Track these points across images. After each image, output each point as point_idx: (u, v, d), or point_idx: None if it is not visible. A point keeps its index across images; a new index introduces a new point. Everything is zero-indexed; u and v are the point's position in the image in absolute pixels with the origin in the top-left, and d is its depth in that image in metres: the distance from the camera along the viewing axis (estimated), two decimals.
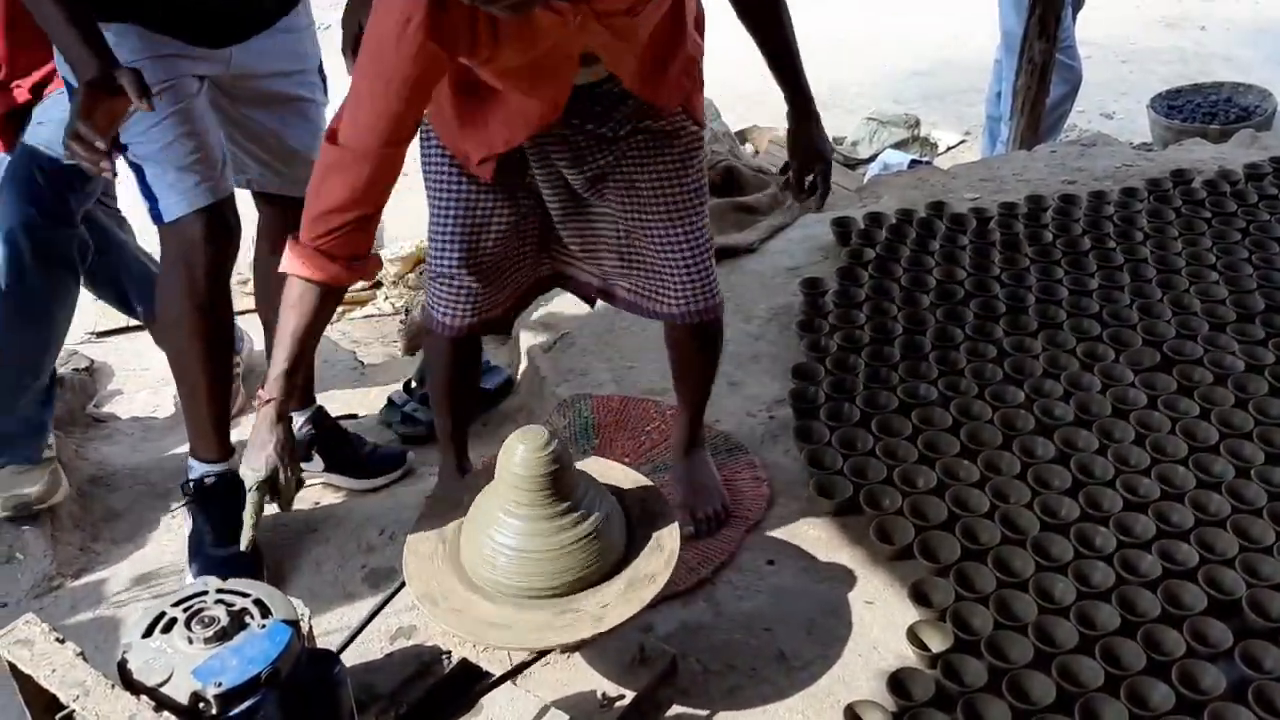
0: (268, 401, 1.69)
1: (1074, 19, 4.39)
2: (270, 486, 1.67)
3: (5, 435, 2.36)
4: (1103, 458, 2.26)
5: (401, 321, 3.49)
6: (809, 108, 2.03)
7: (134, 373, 3.53)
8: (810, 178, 2.07)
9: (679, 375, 2.23)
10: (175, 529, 2.39)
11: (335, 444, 2.50)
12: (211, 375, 2.17)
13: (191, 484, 2.21)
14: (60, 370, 3.30)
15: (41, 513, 2.36)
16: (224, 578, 1.71)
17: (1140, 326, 2.62)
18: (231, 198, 2.13)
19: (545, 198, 1.97)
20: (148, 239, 2.59)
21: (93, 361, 3.64)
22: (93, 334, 4.13)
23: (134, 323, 4.13)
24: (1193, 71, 5.78)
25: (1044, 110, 4.00)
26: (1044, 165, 3.58)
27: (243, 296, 4.31)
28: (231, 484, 2.06)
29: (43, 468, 2.38)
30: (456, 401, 2.23)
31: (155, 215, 2.07)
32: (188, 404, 2.20)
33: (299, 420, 2.42)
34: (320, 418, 2.50)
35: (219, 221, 2.08)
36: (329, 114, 1.85)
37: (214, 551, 2.14)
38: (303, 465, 2.15)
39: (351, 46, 1.97)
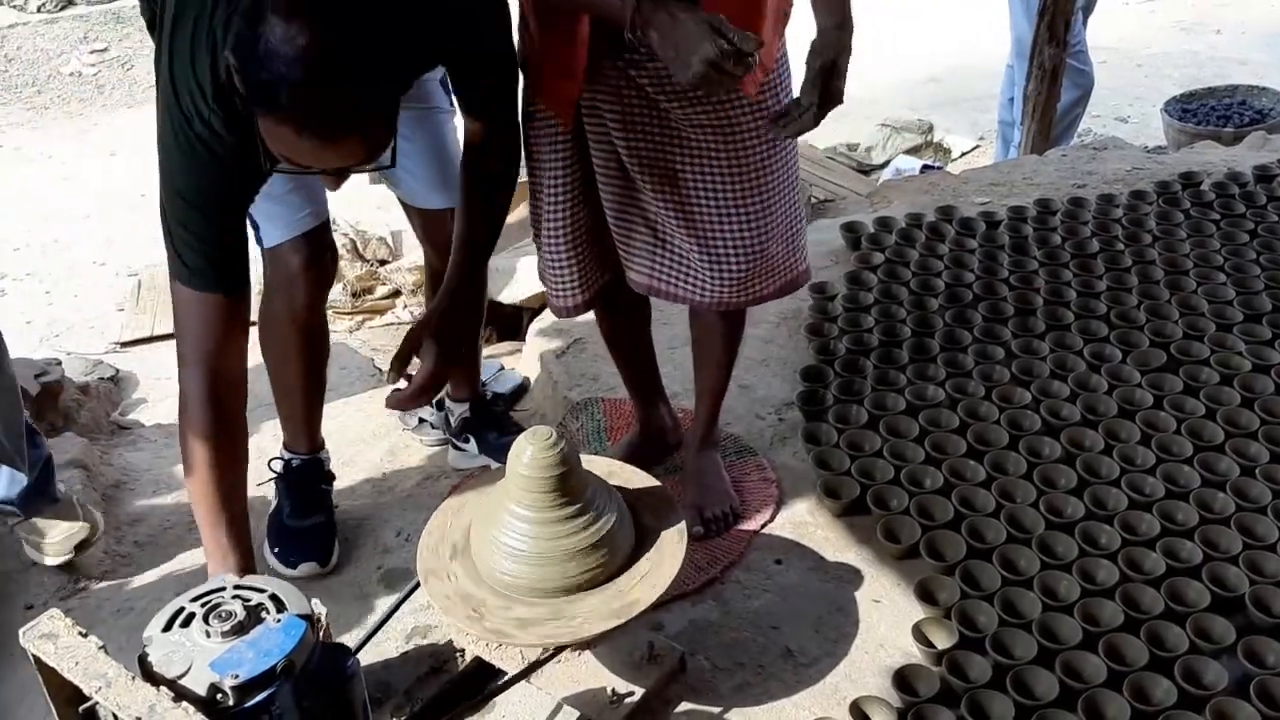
0: None
1: (1085, 24, 4.42)
2: None
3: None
4: (1108, 457, 2.28)
5: None
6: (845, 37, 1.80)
7: (158, 381, 3.60)
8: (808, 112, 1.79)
9: (701, 366, 2.26)
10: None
11: (490, 429, 2.56)
12: (307, 385, 2.29)
13: (282, 463, 2.36)
14: (86, 379, 3.38)
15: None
16: (298, 548, 2.25)
17: (1148, 327, 2.64)
18: (327, 223, 2.20)
19: (598, 173, 1.99)
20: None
21: (118, 370, 3.73)
22: (118, 344, 4.23)
23: (159, 332, 4.22)
24: (1208, 75, 5.79)
25: (1055, 115, 4.03)
26: (1054, 169, 3.60)
27: None
28: (313, 469, 2.35)
29: (66, 504, 2.34)
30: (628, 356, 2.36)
31: (257, 240, 2.14)
32: (283, 407, 2.33)
33: (459, 409, 2.56)
34: (482, 405, 2.57)
35: (316, 246, 2.16)
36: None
37: (290, 522, 2.31)
38: (460, 447, 2.57)
39: None
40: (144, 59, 7.43)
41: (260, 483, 2.38)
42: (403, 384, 1.95)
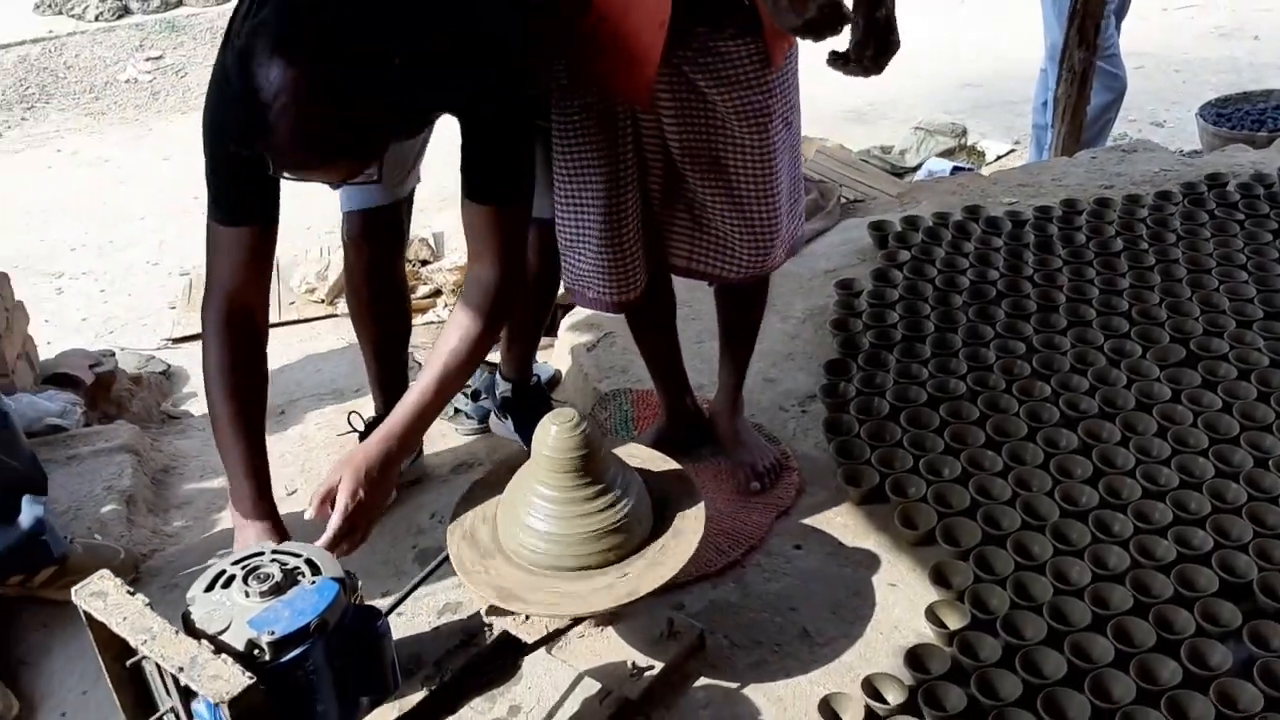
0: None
1: (1118, 28, 4.44)
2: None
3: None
4: (1124, 449, 2.33)
5: None
6: None
7: None
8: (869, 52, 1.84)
9: (729, 340, 2.39)
10: None
11: (528, 409, 2.64)
12: (375, 351, 2.47)
13: (362, 422, 2.57)
14: (139, 370, 3.52)
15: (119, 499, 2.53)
16: None
17: (1168, 324, 2.68)
18: (395, 205, 2.29)
19: (649, 163, 2.10)
20: None
21: (169, 365, 3.86)
22: (169, 340, 4.36)
23: None
24: (1245, 80, 5.77)
25: (1086, 118, 4.05)
26: (1083, 171, 3.63)
27: (307, 305, 4.52)
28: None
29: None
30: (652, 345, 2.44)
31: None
32: (368, 367, 2.53)
33: (504, 386, 2.66)
34: (523, 387, 2.66)
35: (372, 224, 2.28)
36: None
37: None
38: (502, 419, 2.68)
39: None
40: (197, 66, 7.63)
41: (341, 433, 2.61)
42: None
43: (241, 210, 1.83)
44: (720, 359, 2.42)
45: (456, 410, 2.83)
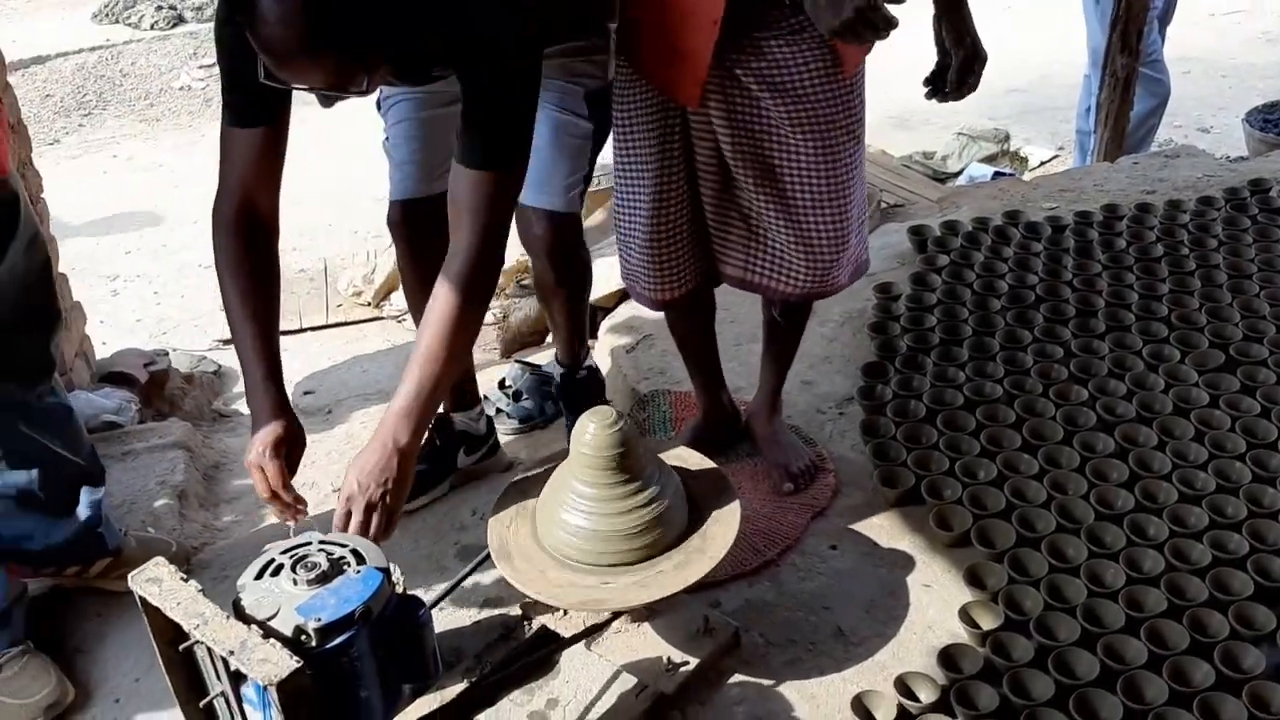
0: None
1: (1162, 34, 4.42)
2: None
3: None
4: (1161, 453, 2.33)
5: (499, 328, 3.70)
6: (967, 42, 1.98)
7: None
8: (965, 76, 2.02)
9: (772, 342, 2.41)
10: None
11: (574, 398, 2.70)
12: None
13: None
14: (192, 370, 3.61)
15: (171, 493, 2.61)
16: None
17: (1208, 329, 2.67)
18: (433, 199, 2.23)
19: (700, 169, 2.11)
20: None
21: (220, 365, 3.94)
22: (220, 341, 4.46)
23: None
24: None
25: (1129, 123, 4.04)
26: (1125, 176, 3.63)
27: (354, 308, 4.60)
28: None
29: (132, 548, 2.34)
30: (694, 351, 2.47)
31: None
32: None
33: (557, 371, 2.71)
34: (572, 379, 2.71)
35: (411, 214, 2.30)
36: None
37: None
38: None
39: None
40: None
41: None
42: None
43: (249, 113, 1.84)
44: (762, 361, 2.45)
45: (498, 410, 2.88)
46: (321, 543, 1.61)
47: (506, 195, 1.83)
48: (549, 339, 3.21)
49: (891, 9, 1.76)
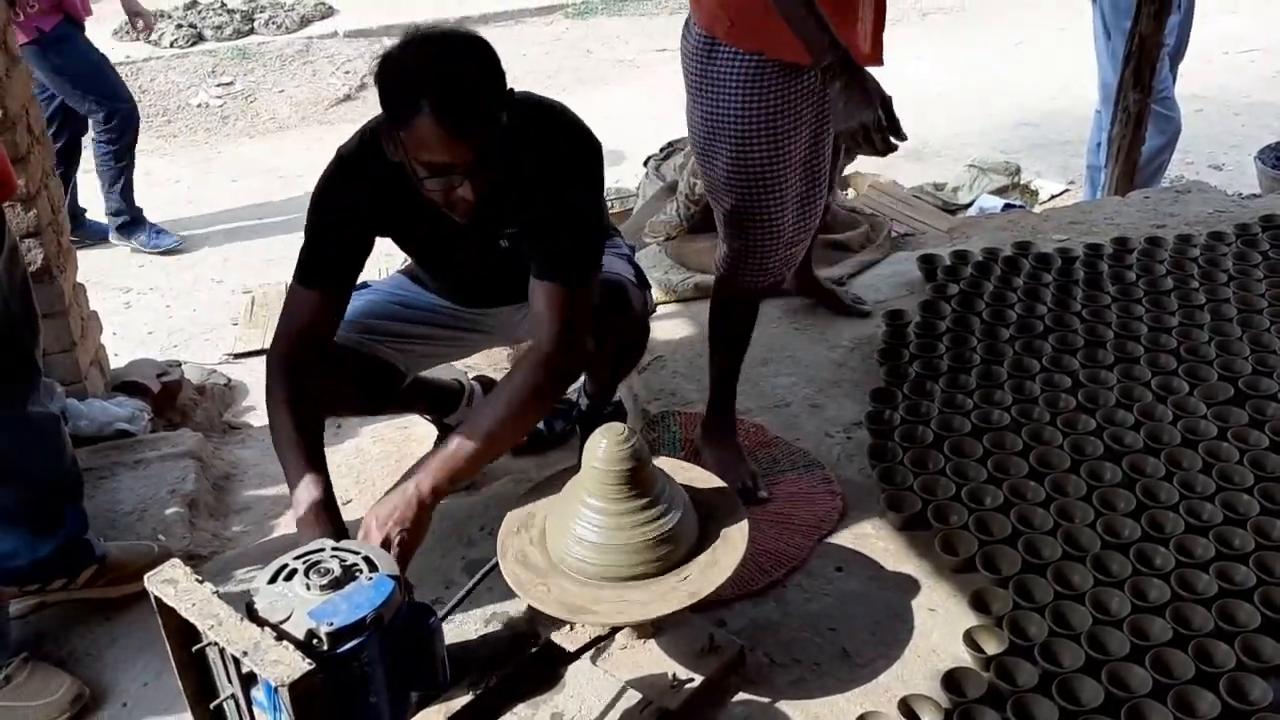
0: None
1: (1173, 71, 4.45)
2: None
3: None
4: (1168, 484, 2.34)
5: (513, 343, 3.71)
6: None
7: None
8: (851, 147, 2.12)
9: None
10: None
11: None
12: None
13: None
14: (203, 382, 3.63)
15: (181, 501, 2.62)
16: None
17: (1217, 362, 2.69)
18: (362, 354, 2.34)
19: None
20: None
21: (230, 379, 3.96)
22: (231, 355, 4.48)
23: (268, 346, 4.47)
24: None
25: (1140, 159, 4.06)
26: (1136, 210, 3.65)
27: None
28: None
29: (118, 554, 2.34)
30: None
31: None
32: None
33: (585, 402, 2.76)
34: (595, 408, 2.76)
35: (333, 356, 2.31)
36: None
37: None
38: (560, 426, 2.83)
39: None
40: (266, 93, 7.84)
41: None
42: None
43: (316, 276, 2.08)
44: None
45: None
46: (334, 549, 1.63)
47: (584, 305, 2.06)
48: None
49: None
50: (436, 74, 1.81)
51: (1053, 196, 5.28)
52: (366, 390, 2.38)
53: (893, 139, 1.99)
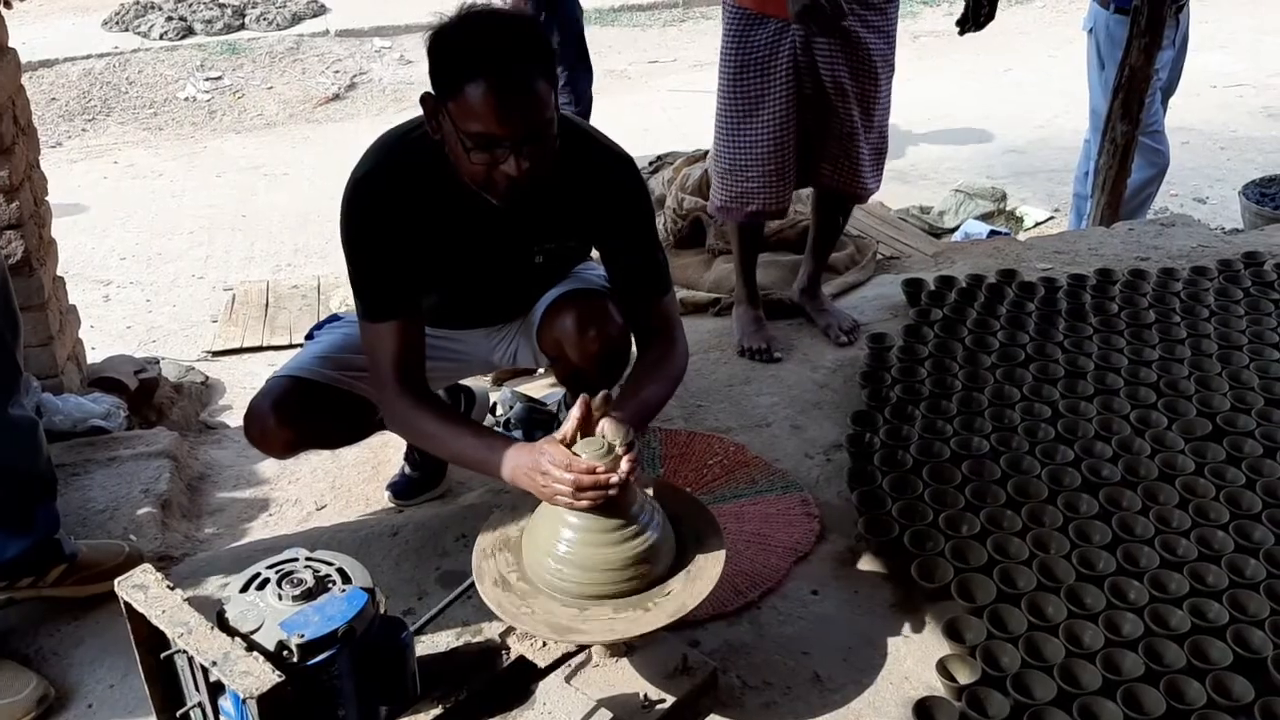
0: None
1: (1164, 105, 4.48)
2: None
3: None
4: (1144, 518, 2.34)
5: None
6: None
7: (244, 390, 3.81)
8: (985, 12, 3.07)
9: (820, 238, 3.23)
10: (270, 523, 2.61)
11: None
12: None
13: None
14: (180, 379, 3.60)
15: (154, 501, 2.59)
16: None
17: (1196, 398, 2.70)
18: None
19: (805, 97, 2.86)
20: None
21: (207, 377, 3.94)
22: (209, 353, 4.46)
23: (248, 344, 4.45)
24: None
25: (1126, 191, 4.09)
26: (1120, 242, 3.67)
27: None
28: None
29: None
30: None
31: None
32: None
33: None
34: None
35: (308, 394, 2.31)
36: None
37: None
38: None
39: None
40: (254, 88, 7.81)
41: None
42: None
43: (387, 308, 2.08)
44: (806, 254, 3.24)
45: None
46: (308, 559, 1.61)
47: (677, 306, 2.30)
48: (540, 371, 3.21)
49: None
50: (490, 43, 1.85)
51: (1037, 223, 5.32)
52: (344, 425, 2.38)
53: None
